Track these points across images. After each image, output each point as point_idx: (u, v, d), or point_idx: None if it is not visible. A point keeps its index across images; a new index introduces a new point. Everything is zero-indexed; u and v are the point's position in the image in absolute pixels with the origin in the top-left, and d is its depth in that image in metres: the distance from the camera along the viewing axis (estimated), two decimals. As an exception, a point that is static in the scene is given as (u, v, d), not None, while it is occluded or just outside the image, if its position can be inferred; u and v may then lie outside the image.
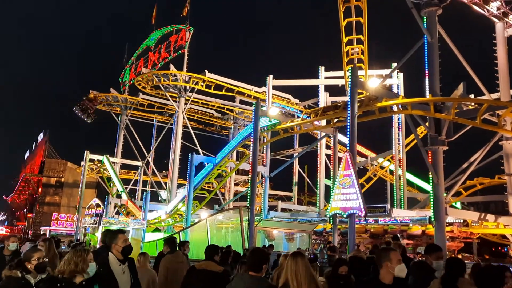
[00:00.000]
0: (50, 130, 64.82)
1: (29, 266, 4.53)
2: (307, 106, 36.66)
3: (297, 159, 35.70)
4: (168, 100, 38.18)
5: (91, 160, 42.91)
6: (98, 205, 37.15)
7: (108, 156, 41.70)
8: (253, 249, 4.18)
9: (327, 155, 31.38)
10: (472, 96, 24.42)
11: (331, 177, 24.98)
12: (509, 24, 24.08)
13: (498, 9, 23.28)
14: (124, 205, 34.98)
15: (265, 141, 28.32)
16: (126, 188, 40.90)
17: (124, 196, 36.18)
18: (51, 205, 65.31)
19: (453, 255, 21.30)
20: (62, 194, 66.68)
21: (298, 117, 28.62)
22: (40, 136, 77.77)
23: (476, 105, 18.07)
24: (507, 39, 24.17)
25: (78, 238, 33.84)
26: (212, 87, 35.22)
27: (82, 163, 43.35)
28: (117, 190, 40.83)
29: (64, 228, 52.87)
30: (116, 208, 39.04)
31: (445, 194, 18.53)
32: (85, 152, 42.32)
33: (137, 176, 43.90)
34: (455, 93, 18.33)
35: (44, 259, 4.62)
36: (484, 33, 26.24)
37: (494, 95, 23.78)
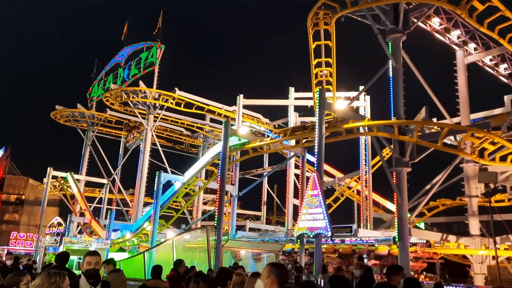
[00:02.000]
0: (12, 145, 62.32)
1: None
2: (276, 126, 37.00)
3: (266, 178, 35.77)
4: (137, 117, 37.70)
5: (54, 177, 41.64)
6: (59, 224, 35.87)
7: (72, 173, 40.54)
8: (220, 268, 4.25)
9: (296, 175, 31.61)
10: (434, 119, 25.34)
11: (299, 197, 25.12)
12: (468, 52, 25.26)
13: (458, 37, 24.40)
14: (87, 224, 33.91)
15: (234, 160, 28.28)
16: (90, 206, 39.77)
17: (88, 215, 35.10)
18: (10, 223, 62.42)
19: (416, 275, 21.67)
20: (22, 212, 63.93)
21: (268, 136, 28.81)
22: (1, 152, 74.86)
23: (438, 128, 18.75)
24: (467, 66, 25.33)
25: (37, 258, 32.43)
26: (182, 105, 35.08)
27: (45, 180, 41.98)
28: (81, 208, 39.62)
29: (23, 248, 50.53)
30: (79, 227, 37.83)
31: (409, 215, 18.95)
32: (48, 168, 41.06)
33: (102, 194, 42.80)
34: (418, 117, 18.96)
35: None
36: (446, 60, 27.44)
37: (455, 119, 24.73)
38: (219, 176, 23.23)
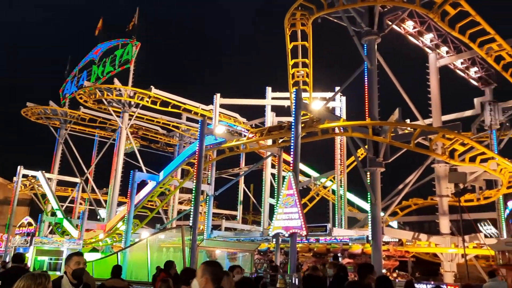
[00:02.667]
0: (-20, 143, 60.35)
1: None
2: (253, 126, 37.02)
3: (242, 177, 35.76)
4: (111, 115, 37.07)
5: (24, 176, 40.56)
6: (30, 224, 34.96)
7: (43, 172, 39.55)
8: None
9: (273, 174, 31.72)
10: (407, 121, 25.89)
11: (276, 196, 25.23)
12: (441, 55, 25.91)
13: (431, 40, 24.99)
14: (59, 224, 33.17)
15: (210, 159, 28.16)
16: (62, 206, 38.90)
17: (60, 214, 34.33)
18: (-22, 224, 60.49)
19: (389, 274, 22.09)
20: (-10, 212, 62.02)
21: (245, 136, 28.83)
22: (-31, 149, 72.43)
23: (411, 129, 19.16)
24: (439, 69, 25.98)
25: (7, 259, 31.50)
26: (158, 103, 34.68)
27: (15, 178, 40.84)
28: (52, 208, 38.71)
29: (-9, 248, 49.01)
30: (51, 227, 36.98)
31: (382, 214, 19.31)
32: (18, 167, 39.96)
33: (75, 193, 41.94)
34: (391, 118, 19.33)
35: None
36: (419, 62, 28.06)
37: (427, 121, 25.33)
38: (195, 175, 23.10)
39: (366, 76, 19.72)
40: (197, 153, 23.32)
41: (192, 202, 22.75)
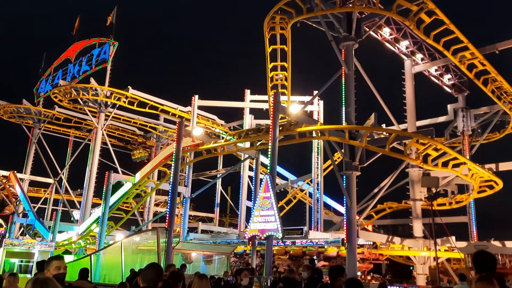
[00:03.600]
0: None
1: None
2: (232, 128, 36.97)
3: (220, 180, 35.65)
4: (87, 115, 36.40)
5: (-5, 176, 39.36)
6: (0, 225, 33.97)
7: (15, 172, 38.50)
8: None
9: (250, 177, 31.73)
10: (383, 125, 26.33)
11: (253, 199, 25.22)
12: (416, 62, 26.48)
13: (407, 47, 25.53)
14: (30, 226, 32.34)
15: (187, 161, 27.98)
16: (35, 207, 37.92)
17: (31, 216, 33.47)
18: None
19: (363, 276, 22.37)
20: (-42, 213, 59.97)
21: (223, 138, 28.75)
22: None
23: (386, 134, 19.50)
24: (414, 76, 26.53)
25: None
26: (135, 104, 34.24)
27: (-15, 178, 39.61)
28: (24, 209, 37.68)
29: (-42, 251, 47.39)
30: (22, 229, 35.99)
31: (358, 217, 19.55)
32: (-11, 166, 38.78)
33: (48, 194, 40.97)
34: (367, 122, 19.61)
35: None
36: (395, 68, 28.60)
37: (402, 126, 25.81)
38: (171, 177, 22.91)
39: (343, 81, 19.97)
40: (174, 154, 23.13)
41: (168, 204, 22.53)
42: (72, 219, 37.36)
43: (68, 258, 26.95)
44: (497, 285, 3.52)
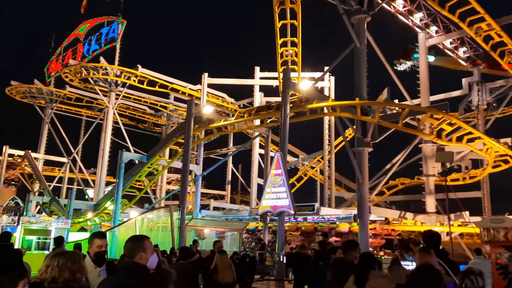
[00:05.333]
0: (-37, 122, 59.20)
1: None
2: (242, 106, 36.80)
3: (230, 158, 35.73)
4: (98, 94, 36.48)
5: (10, 156, 40.00)
6: (17, 204, 34.72)
7: (30, 151, 39.04)
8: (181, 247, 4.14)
9: (261, 155, 31.73)
10: (396, 101, 25.93)
11: (264, 176, 25.28)
12: (430, 35, 25.84)
13: (421, 20, 24.88)
14: (46, 204, 32.96)
15: (198, 139, 28.01)
16: (50, 185, 38.58)
17: (47, 194, 34.08)
18: (-37, 204, 59.89)
19: (375, 252, 22.44)
20: (-24, 192, 61.37)
21: (233, 116, 28.65)
22: (-48, 129, 71.03)
23: (399, 109, 19.19)
24: (428, 49, 25.93)
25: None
26: (145, 83, 34.17)
27: (0, 158, 40.27)
28: (39, 187, 38.38)
29: (-22, 229, 48.73)
30: (38, 207, 36.73)
31: (369, 193, 19.48)
32: (4, 147, 39.38)
33: (62, 173, 41.57)
34: (380, 98, 19.31)
35: None
36: (408, 42, 27.98)
37: (415, 101, 25.40)
38: (183, 155, 22.99)
39: (354, 55, 19.58)
40: (185, 133, 23.15)
41: (181, 182, 22.69)
42: (86, 197, 37.95)
43: (83, 235, 27.50)
44: (434, 255, 4.49)
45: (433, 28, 25.48)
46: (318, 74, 29.24)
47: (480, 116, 26.16)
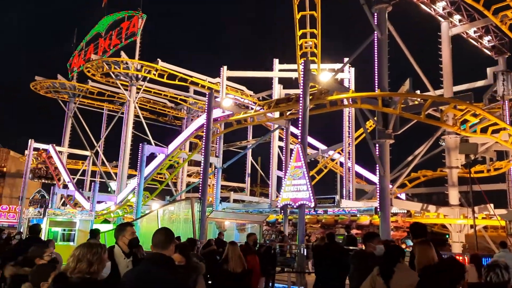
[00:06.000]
0: (-10, 117, 60.85)
1: (40, 263, 4.09)
2: (261, 98, 36.77)
3: (250, 150, 35.83)
4: (119, 88, 37.01)
5: (35, 149, 41.03)
6: (43, 196, 35.64)
7: (54, 145, 39.96)
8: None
9: (280, 147, 31.72)
10: (418, 92, 25.49)
11: (283, 169, 25.28)
12: (453, 24, 25.21)
13: (443, 8, 24.28)
14: (70, 196, 33.74)
15: (218, 132, 28.15)
16: (74, 178, 39.46)
17: (71, 187, 34.89)
18: (-8, 196, 61.81)
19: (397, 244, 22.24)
20: (4, 185, 63.21)
21: (252, 108, 28.68)
22: (-20, 123, 73.17)
23: (421, 100, 18.86)
24: (451, 38, 25.33)
25: (21, 230, 32.27)
26: (165, 76, 34.49)
27: (26, 152, 41.36)
28: (64, 180, 39.29)
29: (6, 220, 50.19)
30: (63, 199, 37.64)
31: (390, 186, 19.27)
32: (30, 140, 40.42)
33: (86, 166, 42.43)
34: (402, 89, 19.01)
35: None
36: (430, 31, 27.38)
37: (438, 92, 24.91)
38: (203, 148, 23.16)
39: (375, 46, 19.28)
40: (205, 126, 23.28)
41: (201, 175, 22.89)
42: (109, 189, 38.69)
43: (107, 227, 28.08)
44: (433, 247, 4.77)
45: (457, 17, 24.84)
46: (337, 66, 28.94)
47: (505, 106, 25.47)
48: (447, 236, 25.99)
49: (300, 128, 18.25)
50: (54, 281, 3.46)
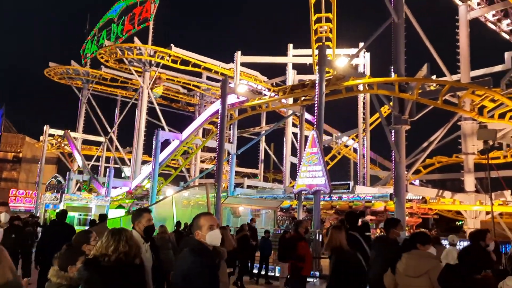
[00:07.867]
0: (6, 103, 61.57)
1: (87, 248, 4.11)
2: (275, 84, 36.59)
3: (264, 137, 35.84)
4: (133, 74, 37.10)
5: (51, 135, 41.55)
6: (59, 182, 36.21)
7: (69, 131, 40.41)
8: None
9: (294, 133, 31.66)
10: (434, 77, 25.12)
11: (297, 155, 25.28)
12: (471, 8, 24.69)
13: (462, -8, 23.79)
14: (86, 182, 34.22)
15: (232, 118, 28.19)
16: (88, 164, 39.95)
17: (86, 172, 35.36)
18: (9, 181, 62.92)
19: (411, 230, 22.24)
20: (20, 170, 64.26)
21: (266, 95, 28.60)
22: (-4, 110, 74.09)
23: (438, 86, 18.61)
24: (469, 22, 24.82)
25: (38, 214, 32.92)
26: (178, 62, 34.42)
27: (42, 138, 41.90)
28: (79, 166, 39.83)
29: (23, 205, 51.18)
30: (78, 185, 38.20)
31: (405, 172, 19.15)
32: (45, 126, 40.90)
33: (100, 152, 42.90)
34: (419, 74, 18.75)
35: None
36: (448, 15, 26.86)
37: (455, 77, 24.53)
38: (217, 134, 23.24)
39: (392, 30, 18.98)
40: (219, 112, 23.32)
41: (216, 161, 23.03)
42: (123, 175, 39.12)
43: (121, 212, 28.51)
44: (344, 231, 5.44)
45: (475, 0, 24.33)
46: (353, 51, 28.58)
47: (524, 91, 25.03)
48: (461, 222, 25.89)
49: (315, 114, 18.19)
50: (86, 265, 3.44)
